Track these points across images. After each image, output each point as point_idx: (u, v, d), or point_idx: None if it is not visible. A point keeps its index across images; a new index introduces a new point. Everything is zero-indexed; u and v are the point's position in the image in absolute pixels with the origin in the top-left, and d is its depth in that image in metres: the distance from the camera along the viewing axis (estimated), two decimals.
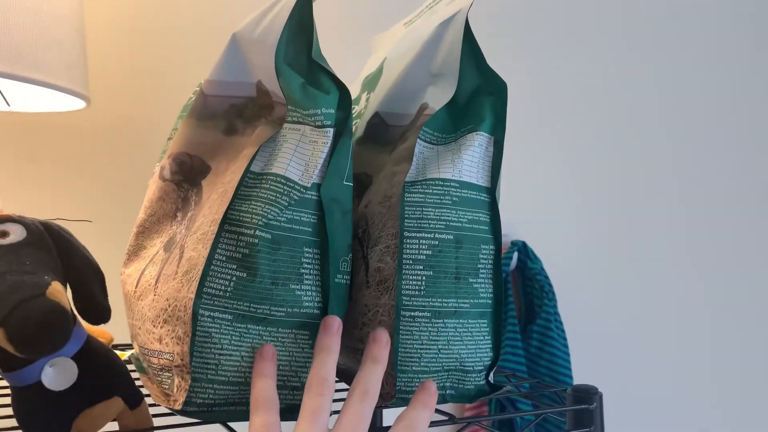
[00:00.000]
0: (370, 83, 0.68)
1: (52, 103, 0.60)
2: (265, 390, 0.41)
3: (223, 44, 0.52)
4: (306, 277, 0.47)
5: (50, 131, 0.75)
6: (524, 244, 1.04)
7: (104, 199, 0.77)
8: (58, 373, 0.37)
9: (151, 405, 0.50)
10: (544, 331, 1.02)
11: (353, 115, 0.67)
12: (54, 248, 0.38)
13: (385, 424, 0.94)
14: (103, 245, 0.48)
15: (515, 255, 1.03)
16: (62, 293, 0.33)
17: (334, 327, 0.44)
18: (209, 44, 0.83)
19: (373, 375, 0.42)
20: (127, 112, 0.78)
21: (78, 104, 0.58)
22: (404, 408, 0.42)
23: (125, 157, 0.78)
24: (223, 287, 0.44)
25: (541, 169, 1.10)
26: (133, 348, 0.56)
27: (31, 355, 0.31)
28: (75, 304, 0.40)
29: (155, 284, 0.47)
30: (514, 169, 1.08)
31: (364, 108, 0.66)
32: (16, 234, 0.36)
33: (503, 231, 1.08)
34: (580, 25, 1.13)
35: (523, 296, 1.05)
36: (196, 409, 0.43)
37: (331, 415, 0.41)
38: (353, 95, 0.71)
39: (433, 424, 0.48)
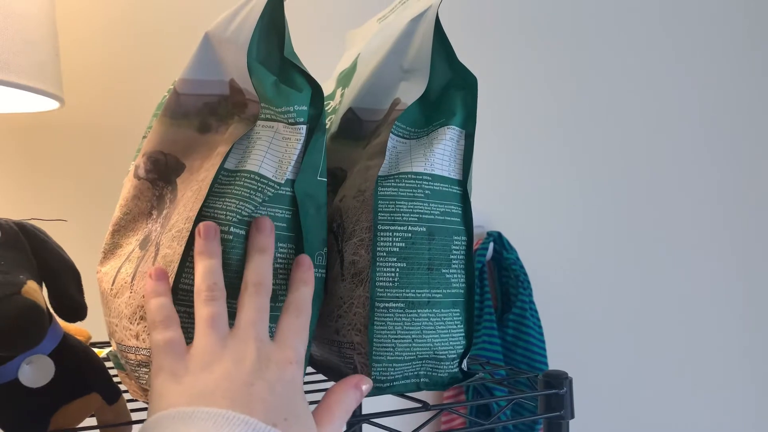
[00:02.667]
0: (345, 79, 0.68)
1: (26, 104, 0.60)
2: (161, 308, 0.40)
3: (197, 43, 0.53)
4: (281, 272, 0.48)
5: (25, 132, 0.74)
6: (500, 235, 1.06)
7: (79, 198, 0.77)
8: (35, 371, 0.37)
9: (129, 401, 0.50)
10: (520, 320, 1.04)
11: (328, 111, 0.68)
12: (29, 248, 0.38)
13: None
14: (78, 244, 0.48)
15: (491, 245, 1.05)
16: (37, 291, 0.34)
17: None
18: (184, 43, 0.83)
19: (262, 265, 0.42)
20: (101, 112, 0.78)
21: (52, 104, 0.58)
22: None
23: (100, 156, 0.78)
24: None
25: (516, 160, 1.12)
26: (110, 345, 0.56)
27: (6, 352, 0.31)
28: (51, 303, 0.40)
29: (131, 282, 0.48)
30: (490, 161, 1.09)
31: (339, 103, 0.66)
32: None
33: (479, 222, 1.09)
34: (554, 16, 1.14)
35: (499, 286, 1.07)
36: None
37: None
38: (328, 91, 0.72)
39: (407, 411, 0.49)
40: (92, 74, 0.78)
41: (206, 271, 0.40)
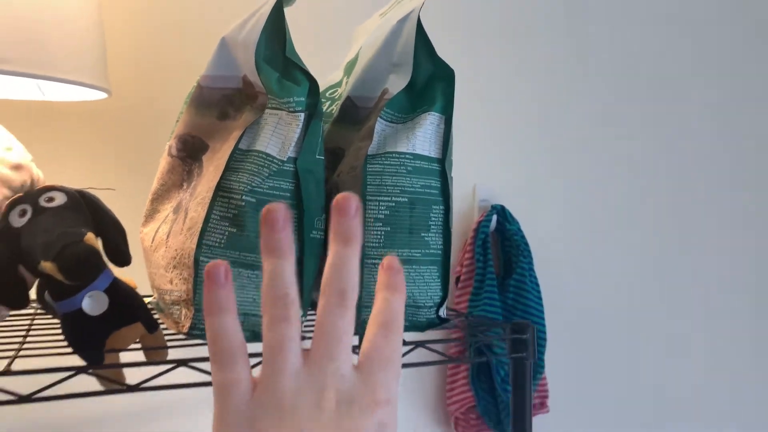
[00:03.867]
0: (349, 68, 0.78)
1: (80, 94, 0.72)
2: (225, 338, 0.30)
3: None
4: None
5: (80, 117, 0.87)
6: (503, 208, 1.15)
7: (125, 172, 0.90)
8: (93, 302, 0.49)
9: (165, 333, 0.62)
10: (520, 285, 1.14)
11: (336, 98, 0.78)
12: (87, 209, 0.50)
13: None
14: (123, 210, 0.59)
15: (494, 217, 1.14)
16: (95, 241, 0.45)
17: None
18: (212, 38, 0.94)
19: (347, 263, 0.30)
20: (141, 100, 0.90)
21: (101, 95, 0.70)
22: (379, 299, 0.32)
23: (141, 138, 0.90)
24: (218, 240, 0.56)
25: (520, 138, 1.20)
26: (151, 297, 0.68)
27: (75, 280, 0.43)
28: (104, 252, 0.52)
29: (166, 239, 0.60)
30: (496, 140, 1.18)
31: (344, 91, 0.77)
32: (60, 199, 0.49)
33: (485, 197, 1.18)
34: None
35: (501, 254, 1.17)
36: (198, 332, 0.55)
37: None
38: (337, 79, 0.82)
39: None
40: (135, 65, 0.90)
41: (274, 275, 0.30)
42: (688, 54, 1.35)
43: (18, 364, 0.48)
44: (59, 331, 0.63)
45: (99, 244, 0.46)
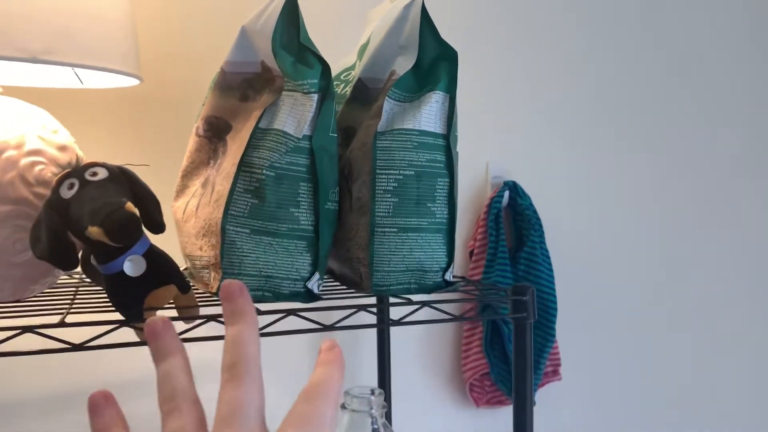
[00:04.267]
0: (361, 52, 0.84)
1: (114, 81, 0.79)
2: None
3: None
4: (302, 203, 0.65)
5: (116, 101, 0.94)
6: (515, 184, 1.19)
7: (156, 151, 0.96)
8: (133, 265, 0.56)
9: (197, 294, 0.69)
10: (531, 257, 1.18)
11: (350, 80, 0.83)
12: (126, 183, 0.56)
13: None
14: (155, 186, 0.65)
15: (506, 193, 1.19)
16: (134, 209, 0.52)
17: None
18: (234, 26, 1.00)
19: (238, 338, 0.31)
20: (170, 85, 0.97)
21: (133, 81, 0.76)
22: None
23: (170, 120, 0.97)
24: (242, 210, 0.62)
25: (531, 117, 1.24)
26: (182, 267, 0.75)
27: (118, 242, 0.50)
28: (141, 220, 0.58)
29: (196, 211, 0.66)
30: (508, 119, 1.22)
31: (357, 73, 0.82)
32: (102, 174, 0.55)
33: (498, 173, 1.23)
34: None
35: (513, 228, 1.21)
36: None
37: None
38: (351, 62, 0.87)
39: (398, 304, 0.65)
40: (164, 53, 0.96)
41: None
42: (708, 31, 1.37)
43: (69, 320, 0.55)
44: (101, 294, 0.71)
45: (137, 213, 0.52)
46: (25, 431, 0.90)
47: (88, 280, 0.80)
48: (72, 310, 0.60)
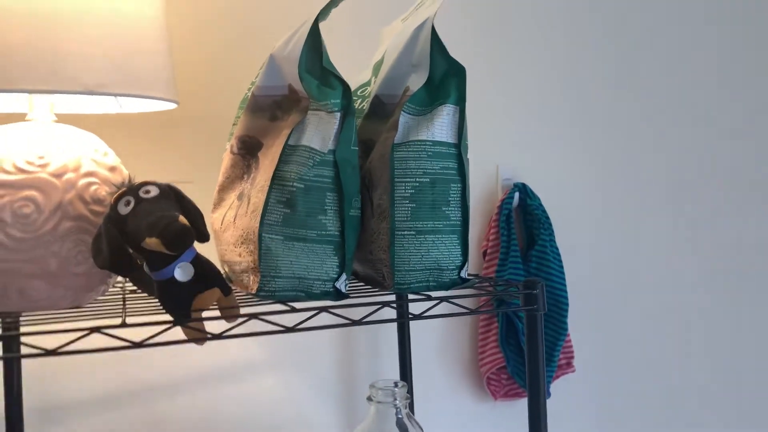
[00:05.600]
0: (377, 69, 0.90)
1: (153, 105, 0.86)
2: None
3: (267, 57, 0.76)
4: (329, 211, 0.72)
5: (154, 124, 1.02)
6: (524, 185, 1.26)
7: (191, 169, 1.04)
8: (183, 271, 0.63)
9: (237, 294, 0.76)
10: (542, 255, 1.24)
11: (366, 95, 0.90)
12: (174, 198, 0.63)
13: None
14: (194, 199, 0.72)
15: (516, 195, 1.25)
16: (186, 221, 0.59)
17: None
18: (260, 51, 1.08)
19: None
20: (204, 106, 1.04)
21: (171, 105, 0.83)
22: None
23: (204, 140, 1.04)
24: (275, 219, 0.69)
25: (539, 121, 1.30)
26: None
27: (175, 251, 0.57)
28: None
29: (234, 221, 0.73)
30: (519, 125, 1.28)
31: (372, 90, 0.89)
32: (154, 191, 0.62)
33: (508, 175, 1.29)
34: None
35: (524, 228, 1.27)
36: (264, 293, 0.69)
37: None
38: (366, 78, 0.94)
39: (416, 300, 0.72)
40: (198, 74, 1.04)
41: None
42: (714, 28, 1.43)
43: (127, 321, 0.62)
44: (147, 300, 0.78)
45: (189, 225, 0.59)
46: (81, 428, 0.97)
47: (132, 287, 0.87)
48: (127, 314, 0.67)
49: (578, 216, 1.33)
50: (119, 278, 0.88)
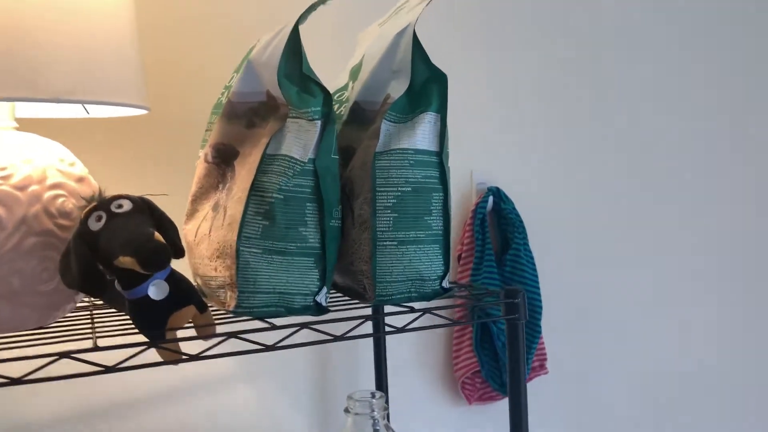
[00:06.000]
0: (355, 74, 0.88)
1: (122, 111, 0.82)
2: None
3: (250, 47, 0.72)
4: (309, 222, 0.69)
5: (123, 129, 0.97)
6: (498, 189, 1.25)
7: (167, 177, 1.00)
8: (157, 289, 0.60)
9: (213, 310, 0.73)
10: (515, 259, 1.24)
11: (343, 100, 0.88)
12: (148, 212, 0.60)
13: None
14: (169, 210, 0.68)
15: (491, 199, 1.24)
16: (161, 238, 0.56)
17: None
18: (234, 54, 1.04)
19: None
20: (176, 111, 1.00)
21: (141, 111, 0.80)
22: None
23: (178, 146, 1.00)
24: (254, 232, 0.67)
25: (511, 126, 1.30)
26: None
27: (150, 270, 0.54)
28: None
29: (209, 234, 0.70)
30: (489, 129, 1.28)
31: (350, 94, 0.86)
32: (127, 206, 0.59)
33: (482, 180, 1.28)
34: None
35: (498, 232, 1.27)
36: (242, 310, 0.66)
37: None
38: (343, 82, 0.91)
39: (401, 313, 0.70)
40: (170, 78, 0.99)
41: None
42: (675, 25, 1.45)
43: (90, 344, 0.59)
44: (117, 317, 0.74)
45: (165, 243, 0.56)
46: None
47: (99, 303, 0.83)
48: (98, 335, 0.63)
49: (551, 219, 1.34)
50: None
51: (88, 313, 0.79)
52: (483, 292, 0.87)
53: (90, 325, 0.70)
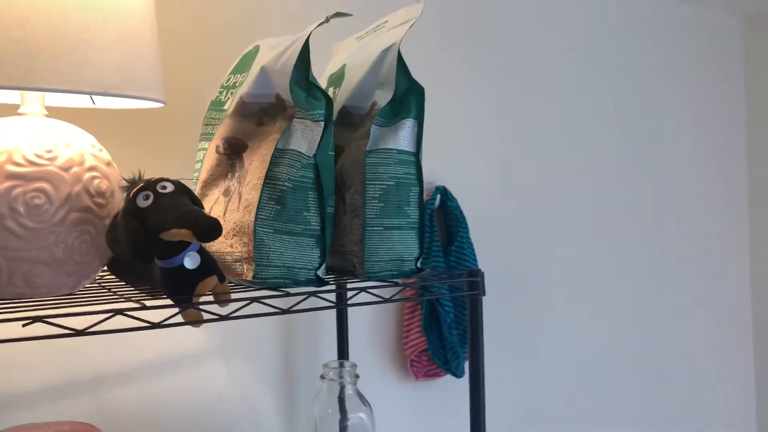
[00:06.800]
0: (336, 81, 1.00)
1: (138, 103, 0.90)
2: None
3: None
4: (311, 208, 0.81)
5: (143, 121, 1.04)
6: (444, 188, 1.41)
7: (177, 164, 1.08)
8: (191, 260, 0.70)
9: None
10: (460, 250, 1.40)
11: None
12: (186, 193, 0.70)
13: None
14: None
15: (438, 196, 1.40)
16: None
17: None
18: (240, 47, 1.13)
19: None
20: (187, 104, 1.08)
21: (157, 104, 0.88)
22: None
23: (186, 136, 1.08)
24: (268, 215, 0.78)
25: (457, 130, 1.46)
26: None
27: (205, 240, 0.64)
28: None
29: (223, 215, 0.81)
30: (437, 132, 1.43)
31: (333, 99, 0.99)
32: (170, 187, 0.69)
33: (430, 179, 1.44)
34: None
35: (444, 226, 1.43)
36: (258, 280, 0.77)
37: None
38: (322, 87, 1.03)
39: (386, 286, 0.84)
40: (183, 74, 1.07)
41: None
42: (612, 16, 1.66)
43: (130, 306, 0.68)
44: (128, 288, 0.83)
45: None
46: (29, 418, 0.99)
47: (107, 275, 0.91)
48: (136, 298, 0.73)
49: (491, 215, 1.51)
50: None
51: (98, 284, 0.87)
52: (445, 273, 1.02)
53: (110, 293, 0.78)
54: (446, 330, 1.35)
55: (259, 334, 1.19)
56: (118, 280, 0.88)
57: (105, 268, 0.95)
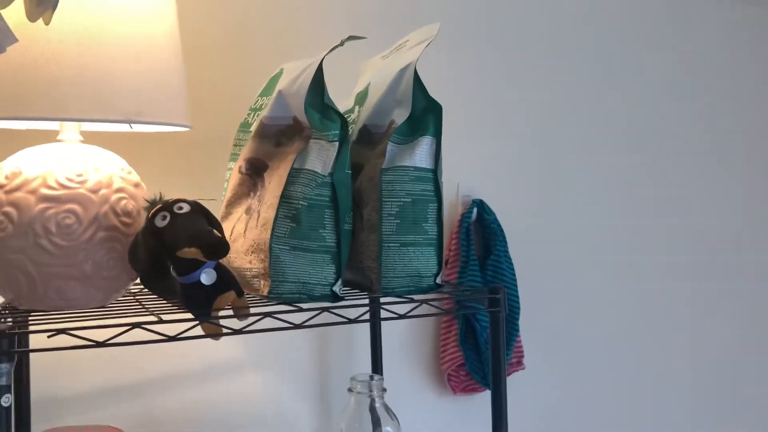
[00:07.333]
0: (361, 99, 1.03)
1: (168, 127, 0.96)
2: None
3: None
4: (327, 225, 0.84)
5: (168, 143, 1.11)
6: (482, 201, 1.40)
7: (204, 186, 1.13)
8: (207, 276, 0.74)
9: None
10: (497, 264, 1.39)
11: (350, 121, 1.02)
12: (202, 213, 0.74)
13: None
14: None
15: (475, 210, 1.40)
16: (219, 234, 0.70)
17: None
18: (261, 77, 1.18)
19: None
20: (212, 127, 1.14)
21: (184, 128, 0.94)
22: None
23: (213, 158, 1.14)
24: (284, 232, 0.81)
25: (494, 143, 1.45)
26: None
27: (213, 259, 0.67)
28: None
29: (244, 233, 0.84)
30: (474, 145, 1.43)
31: (357, 117, 1.01)
32: (186, 208, 0.73)
33: (467, 192, 1.44)
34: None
35: (482, 240, 1.42)
36: (274, 296, 0.80)
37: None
38: (349, 105, 1.06)
39: (400, 303, 0.85)
40: (208, 99, 1.13)
41: None
42: (641, 27, 1.62)
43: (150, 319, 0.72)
44: (161, 301, 0.88)
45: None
46: (75, 421, 1.06)
47: (143, 289, 0.97)
48: (155, 312, 0.77)
49: (529, 229, 1.49)
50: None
51: (133, 297, 0.92)
52: (468, 288, 1.02)
53: (141, 306, 0.83)
54: (483, 345, 1.34)
55: (295, 348, 1.22)
56: (151, 293, 0.93)
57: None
